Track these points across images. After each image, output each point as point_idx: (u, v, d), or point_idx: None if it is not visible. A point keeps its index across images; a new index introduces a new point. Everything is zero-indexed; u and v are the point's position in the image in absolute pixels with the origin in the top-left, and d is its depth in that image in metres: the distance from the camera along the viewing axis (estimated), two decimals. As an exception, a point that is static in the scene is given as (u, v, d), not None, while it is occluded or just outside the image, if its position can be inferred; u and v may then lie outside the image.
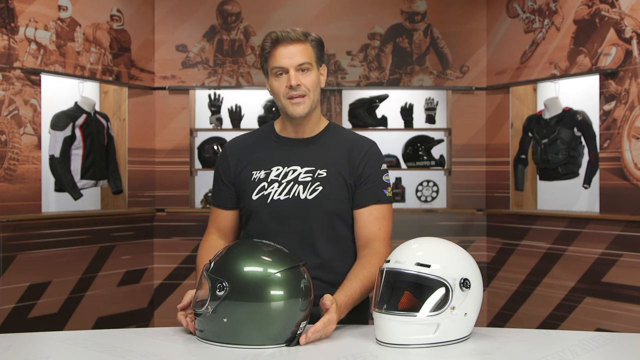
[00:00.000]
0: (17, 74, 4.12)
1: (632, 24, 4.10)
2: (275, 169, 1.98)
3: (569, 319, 4.47)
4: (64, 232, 4.43)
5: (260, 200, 1.97)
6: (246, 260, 1.68)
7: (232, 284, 1.62)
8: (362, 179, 1.98)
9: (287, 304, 1.63)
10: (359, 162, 1.98)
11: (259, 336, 1.62)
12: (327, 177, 1.96)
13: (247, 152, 2.04)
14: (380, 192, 1.99)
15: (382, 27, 5.21)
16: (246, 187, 2.00)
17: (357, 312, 1.95)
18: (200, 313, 1.67)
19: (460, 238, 5.00)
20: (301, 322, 1.66)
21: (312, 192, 1.94)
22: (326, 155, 1.99)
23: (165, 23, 5.16)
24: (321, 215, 1.95)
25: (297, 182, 1.96)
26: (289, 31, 1.93)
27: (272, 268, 1.65)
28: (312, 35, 1.98)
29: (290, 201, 1.95)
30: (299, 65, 1.92)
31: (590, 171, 4.47)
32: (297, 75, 1.92)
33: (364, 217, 1.98)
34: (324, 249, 1.95)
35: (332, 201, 1.95)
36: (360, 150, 2.00)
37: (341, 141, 2.02)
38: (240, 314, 1.61)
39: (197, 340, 1.70)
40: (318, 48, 1.98)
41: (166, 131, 5.14)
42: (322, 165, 1.97)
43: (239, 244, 1.81)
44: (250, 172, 2.00)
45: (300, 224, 1.95)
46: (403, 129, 5.23)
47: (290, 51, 1.92)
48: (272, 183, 1.97)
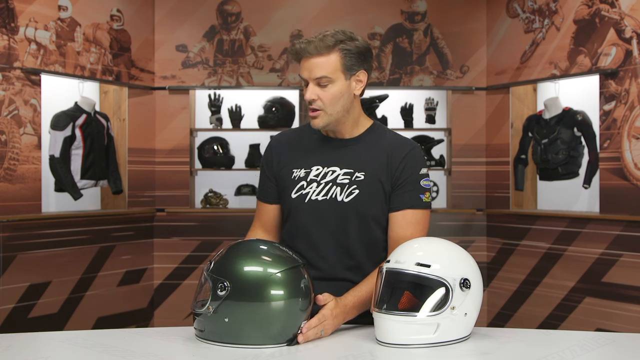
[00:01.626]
0: (17, 74, 4.12)
1: (632, 24, 4.10)
2: (315, 169, 1.98)
3: (569, 319, 4.47)
4: (64, 232, 4.43)
5: (298, 199, 1.98)
6: (247, 260, 1.68)
7: (233, 283, 1.62)
8: (399, 182, 1.96)
9: (287, 304, 1.64)
10: (397, 165, 1.96)
11: (259, 336, 1.63)
12: (365, 180, 1.95)
13: (291, 149, 2.05)
14: (416, 197, 1.95)
15: (382, 27, 5.21)
16: (287, 184, 2.01)
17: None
18: (200, 313, 1.67)
19: (460, 238, 5.00)
20: (302, 322, 1.66)
21: (349, 195, 1.94)
22: (366, 157, 1.98)
23: (165, 23, 5.16)
24: (356, 218, 1.94)
25: (335, 184, 1.95)
26: (312, 41, 1.86)
27: (273, 268, 1.66)
28: (347, 43, 1.88)
29: (327, 202, 1.95)
30: (316, 79, 1.89)
31: (590, 171, 4.47)
32: (315, 89, 1.89)
33: (397, 221, 1.96)
34: (358, 251, 1.95)
35: (367, 205, 1.94)
36: (400, 153, 1.98)
37: (382, 143, 2.00)
38: (241, 313, 1.61)
39: (197, 340, 1.70)
40: (350, 56, 1.88)
41: (166, 131, 5.13)
42: (361, 168, 1.96)
43: (239, 243, 1.81)
44: (291, 170, 2.01)
45: (335, 226, 1.95)
46: (403, 129, 5.22)
47: (310, 64, 1.88)
48: (311, 182, 1.97)
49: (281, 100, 5.15)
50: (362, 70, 1.93)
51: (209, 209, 5.12)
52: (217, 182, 5.24)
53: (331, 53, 1.87)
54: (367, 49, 1.93)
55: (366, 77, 1.95)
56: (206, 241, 5.07)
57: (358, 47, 1.90)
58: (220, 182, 5.22)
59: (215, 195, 5.15)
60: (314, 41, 1.86)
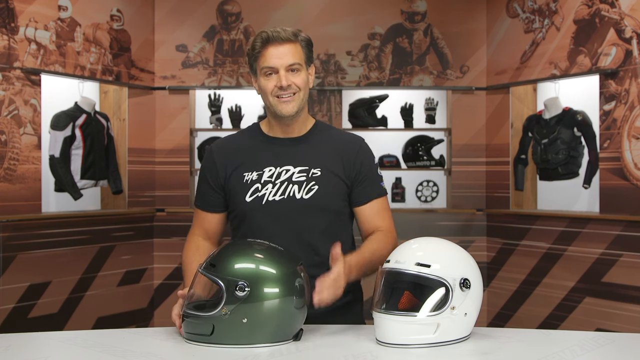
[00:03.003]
0: (17, 74, 4.12)
1: (632, 24, 4.10)
2: (268, 170, 1.98)
3: (569, 319, 4.47)
4: (64, 232, 4.43)
5: (254, 201, 1.96)
6: (260, 260, 1.69)
7: (252, 284, 1.62)
8: (360, 176, 2.00)
9: (297, 301, 1.68)
10: (354, 160, 2.00)
11: (275, 334, 1.65)
12: (322, 175, 1.96)
13: (236, 154, 2.02)
14: (378, 185, 2.03)
15: (382, 27, 5.21)
16: (238, 189, 1.98)
17: (352, 314, 1.97)
18: (191, 314, 1.67)
19: (460, 238, 5.00)
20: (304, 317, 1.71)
21: (309, 192, 1.95)
22: (318, 154, 1.99)
23: (165, 23, 5.16)
24: (318, 214, 1.95)
25: (291, 182, 1.96)
26: (280, 31, 1.92)
27: (285, 267, 1.69)
28: (302, 35, 1.97)
29: (286, 201, 1.94)
30: (289, 65, 1.92)
31: (590, 171, 4.47)
32: (287, 75, 1.92)
33: (366, 213, 2.01)
34: (323, 247, 1.94)
35: (329, 200, 1.96)
36: (353, 148, 2.03)
37: (331, 139, 2.04)
38: (258, 313, 1.62)
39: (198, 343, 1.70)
40: (308, 48, 1.97)
41: (166, 131, 5.13)
42: (316, 164, 1.98)
43: (239, 244, 1.82)
44: (242, 174, 1.98)
45: (297, 224, 1.95)
46: (403, 129, 5.23)
47: (280, 51, 1.91)
48: (266, 184, 1.96)
49: (281, 100, 5.14)
50: (312, 65, 2.03)
51: (209, 209, 5.11)
52: (217, 182, 5.23)
53: (296, 42, 1.95)
54: (312, 46, 2.02)
55: (314, 71, 2.04)
56: (206, 241, 5.06)
57: (309, 40, 2.00)
58: (220, 182, 5.21)
59: (215, 195, 5.14)
60: (280, 31, 1.92)
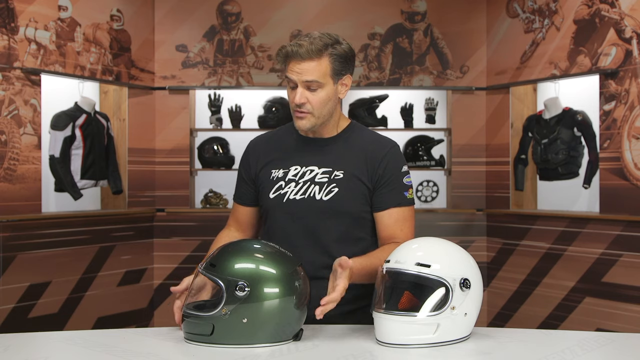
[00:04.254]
0: (17, 74, 4.12)
1: (632, 24, 4.10)
2: (294, 169, 1.99)
3: (569, 319, 4.47)
4: (64, 232, 4.43)
5: (276, 199, 1.98)
6: (259, 260, 1.70)
7: (252, 284, 1.63)
8: (382, 182, 1.97)
9: (297, 300, 1.68)
10: (378, 164, 1.97)
11: (274, 334, 1.65)
12: (344, 178, 1.95)
13: (268, 151, 2.06)
14: (401, 194, 1.97)
15: (382, 27, 5.21)
16: (265, 185, 2.02)
17: (362, 315, 1.96)
18: (191, 314, 1.66)
19: (460, 238, 5.00)
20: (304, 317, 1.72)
21: (328, 194, 1.94)
22: (344, 156, 1.98)
23: (165, 23, 5.16)
24: (335, 217, 1.95)
25: (313, 183, 1.96)
26: (302, 44, 1.86)
27: (285, 267, 1.69)
28: (335, 47, 1.89)
29: (306, 201, 1.95)
30: (307, 82, 1.89)
31: (590, 171, 4.47)
32: (304, 92, 1.90)
33: (384, 220, 1.98)
34: (337, 250, 1.94)
35: (347, 203, 1.95)
36: (380, 152, 1.99)
37: (361, 142, 2.01)
38: (258, 313, 1.63)
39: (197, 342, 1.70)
40: (339, 61, 1.90)
41: (166, 131, 5.13)
42: (340, 167, 1.97)
43: (238, 243, 1.83)
44: (270, 171, 2.02)
45: (313, 224, 1.95)
46: (403, 129, 5.22)
47: (300, 67, 1.88)
48: (290, 182, 1.98)
49: (281, 100, 5.15)
50: (348, 75, 1.96)
51: (209, 209, 5.12)
52: (217, 182, 5.24)
53: (322, 57, 1.88)
54: (352, 53, 1.95)
55: (350, 80, 1.98)
56: (206, 241, 5.06)
57: (345, 51, 1.92)
58: (220, 182, 5.21)
59: (215, 195, 5.15)
60: (304, 44, 1.86)
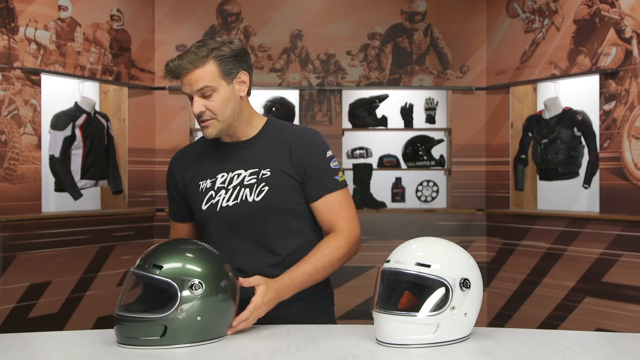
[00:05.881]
0: (17, 74, 4.12)
1: (632, 24, 4.10)
2: (221, 176, 1.98)
3: (569, 319, 4.47)
4: (64, 232, 4.43)
5: (209, 209, 1.97)
6: (204, 258, 1.74)
7: (206, 282, 1.67)
8: (309, 172, 1.96)
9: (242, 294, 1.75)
10: (302, 156, 1.96)
11: (223, 329, 1.72)
12: (272, 176, 1.95)
13: (191, 164, 2.04)
14: (331, 180, 1.98)
15: (382, 27, 5.21)
16: (195, 198, 2.01)
17: (319, 311, 2.02)
18: (131, 318, 1.66)
19: (460, 238, 5.00)
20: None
21: (259, 194, 1.94)
22: (268, 154, 1.98)
23: (165, 23, 5.16)
24: (271, 215, 1.95)
25: (243, 186, 1.95)
26: (184, 56, 1.85)
27: (228, 261, 1.77)
28: (220, 49, 1.88)
29: (239, 205, 1.94)
30: (199, 91, 1.87)
31: (590, 171, 4.47)
32: (200, 101, 1.88)
33: (320, 209, 1.98)
34: (280, 247, 1.95)
35: (279, 199, 1.95)
36: (302, 143, 1.98)
37: (282, 137, 2.00)
38: (213, 310, 1.67)
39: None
40: (226, 61, 1.88)
41: (166, 131, 5.13)
42: (265, 165, 1.96)
43: (176, 242, 1.89)
44: (197, 183, 2.01)
45: (252, 227, 1.95)
46: (403, 129, 5.23)
47: (188, 78, 1.87)
48: (219, 190, 1.97)
49: (281, 100, 5.15)
50: (242, 72, 1.93)
51: (209, 209, 5.11)
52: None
53: (206, 63, 1.86)
54: (242, 50, 1.93)
55: (248, 76, 1.95)
56: (206, 241, 5.06)
57: (232, 49, 1.90)
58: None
59: (215, 195, 5.15)
60: (186, 56, 1.86)
